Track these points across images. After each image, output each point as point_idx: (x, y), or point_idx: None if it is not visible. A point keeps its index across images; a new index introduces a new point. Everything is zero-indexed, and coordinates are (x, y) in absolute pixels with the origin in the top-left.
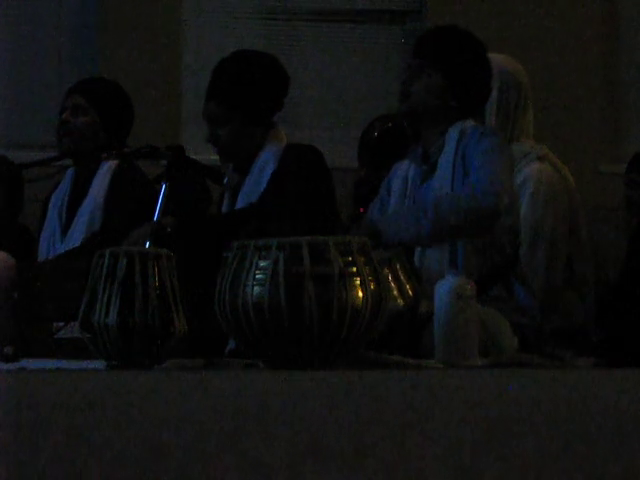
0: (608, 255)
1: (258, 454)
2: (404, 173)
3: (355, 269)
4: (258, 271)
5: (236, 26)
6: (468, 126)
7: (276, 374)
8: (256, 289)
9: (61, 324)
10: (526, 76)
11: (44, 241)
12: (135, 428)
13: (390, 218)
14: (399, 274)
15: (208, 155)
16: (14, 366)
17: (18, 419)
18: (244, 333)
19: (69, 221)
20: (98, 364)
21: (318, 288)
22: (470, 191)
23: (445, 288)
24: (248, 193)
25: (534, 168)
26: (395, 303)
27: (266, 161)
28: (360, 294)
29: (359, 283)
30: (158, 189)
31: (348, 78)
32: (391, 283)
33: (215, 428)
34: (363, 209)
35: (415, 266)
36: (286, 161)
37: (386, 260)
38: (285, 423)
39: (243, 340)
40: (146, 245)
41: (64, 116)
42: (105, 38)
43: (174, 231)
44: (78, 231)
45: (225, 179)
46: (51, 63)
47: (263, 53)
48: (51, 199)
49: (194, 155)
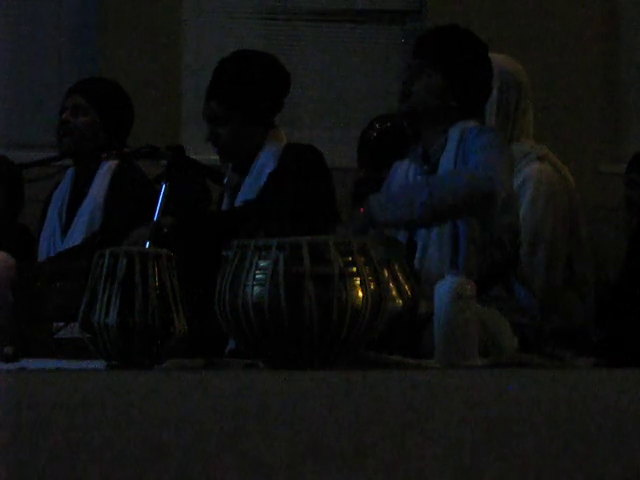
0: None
1: (258, 454)
2: (404, 173)
3: (355, 269)
4: (258, 271)
5: (236, 26)
6: (469, 126)
7: (276, 374)
8: (256, 289)
9: (61, 324)
10: (526, 76)
11: (44, 241)
12: (135, 428)
13: (383, 196)
14: (398, 275)
15: (208, 155)
16: (14, 366)
17: (18, 419)
18: (244, 333)
19: (69, 221)
20: (98, 364)
21: (318, 288)
22: (467, 172)
23: (445, 288)
24: (247, 193)
25: (534, 168)
26: (394, 303)
27: (266, 161)
28: (360, 294)
29: (359, 283)
30: (158, 189)
31: (348, 78)
32: (390, 284)
33: (215, 428)
34: (363, 209)
35: (414, 267)
36: (285, 161)
37: (385, 261)
38: (285, 423)
39: (243, 340)
40: (146, 245)
41: (64, 116)
42: (105, 38)
43: (173, 231)
44: (78, 231)
45: (225, 179)
46: (51, 63)
47: (264, 53)
48: (51, 199)
49: (194, 155)
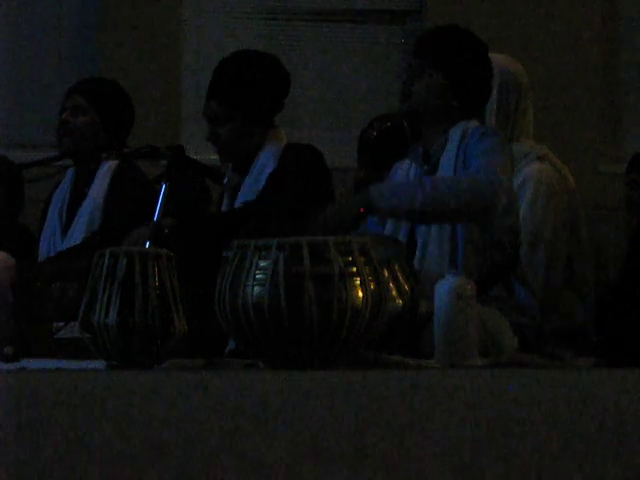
0: (608, 255)
1: (258, 454)
2: (405, 173)
3: (355, 269)
4: (258, 271)
5: (236, 26)
6: (471, 126)
7: (276, 374)
8: (256, 289)
9: (61, 324)
10: (526, 76)
11: (44, 241)
12: (135, 428)
13: (385, 185)
14: (397, 275)
15: (208, 155)
16: (14, 366)
17: (18, 419)
18: (244, 333)
19: (69, 221)
20: (98, 364)
21: (318, 288)
22: (471, 177)
23: (445, 288)
24: (247, 193)
25: (534, 168)
26: (394, 303)
27: (266, 161)
28: (360, 294)
29: (359, 283)
30: (158, 189)
31: (348, 78)
32: (390, 284)
33: (215, 428)
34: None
35: (414, 267)
36: (285, 161)
37: (385, 261)
38: (285, 423)
39: (243, 340)
40: (146, 245)
41: (64, 116)
42: (105, 38)
43: (173, 232)
44: (78, 231)
45: (225, 179)
46: (51, 63)
47: (264, 53)
48: (51, 199)
49: (194, 155)
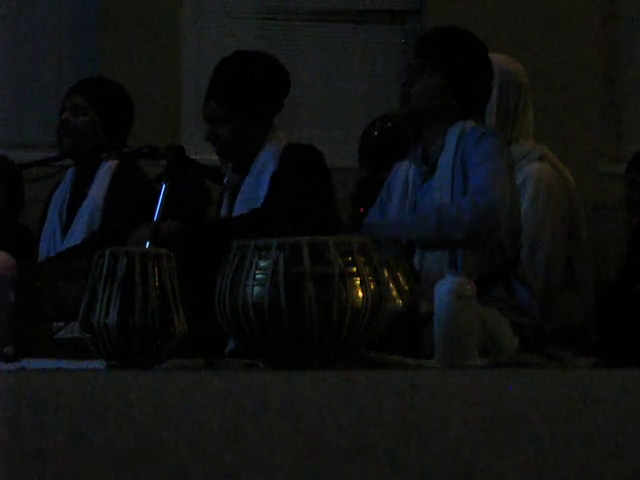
0: (608, 255)
1: (258, 454)
2: (404, 174)
3: (355, 269)
4: (258, 271)
5: (236, 26)
6: (468, 126)
7: (276, 374)
8: (256, 289)
9: (61, 324)
10: (526, 76)
11: (44, 241)
12: (135, 428)
13: (389, 224)
14: (398, 275)
15: (208, 155)
16: (14, 366)
17: (18, 419)
18: (244, 333)
19: (69, 221)
20: (98, 364)
21: (318, 288)
22: (472, 207)
23: (445, 288)
24: (247, 193)
25: (534, 168)
26: (394, 303)
27: (266, 161)
28: (360, 294)
29: (359, 283)
30: (158, 189)
31: (348, 78)
32: (390, 284)
33: (215, 428)
34: (363, 209)
35: (414, 267)
36: (286, 161)
37: (385, 261)
38: (285, 423)
39: (243, 340)
40: (146, 245)
41: (64, 116)
42: (105, 38)
43: (179, 235)
44: (78, 231)
45: (225, 179)
46: (51, 63)
47: (263, 53)
48: (51, 199)
49: (194, 155)
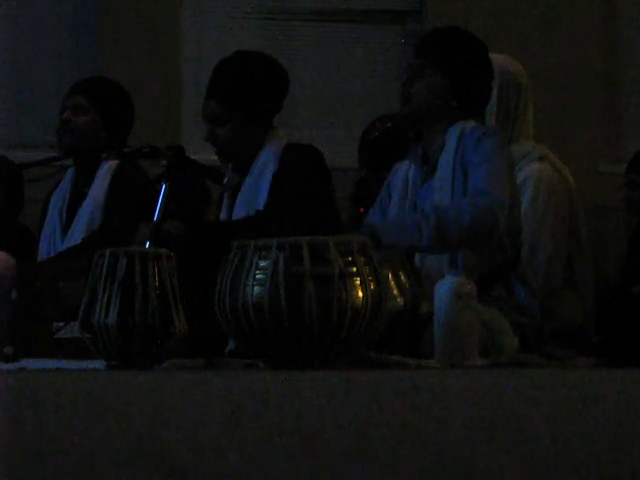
0: (608, 255)
1: (258, 454)
2: (404, 174)
3: (355, 269)
4: (258, 271)
5: (236, 26)
6: (469, 126)
7: (276, 374)
8: (256, 289)
9: (61, 324)
10: (526, 76)
11: (44, 241)
12: (135, 428)
13: (389, 226)
14: (399, 274)
15: (208, 155)
16: (14, 366)
17: (18, 419)
18: (244, 333)
19: (69, 221)
20: (98, 364)
21: (318, 288)
22: (471, 208)
23: (445, 288)
24: (248, 193)
25: (534, 168)
26: (395, 303)
27: (266, 161)
28: (360, 294)
29: (359, 283)
30: (158, 189)
31: (348, 78)
32: (391, 283)
33: (215, 428)
34: (363, 209)
35: (415, 266)
36: (286, 161)
37: (386, 260)
38: (285, 423)
39: (243, 340)
40: (146, 245)
41: (65, 115)
42: (105, 38)
43: (180, 236)
44: (78, 231)
45: (225, 179)
46: (51, 63)
47: (263, 54)
48: (51, 199)
49: (194, 155)
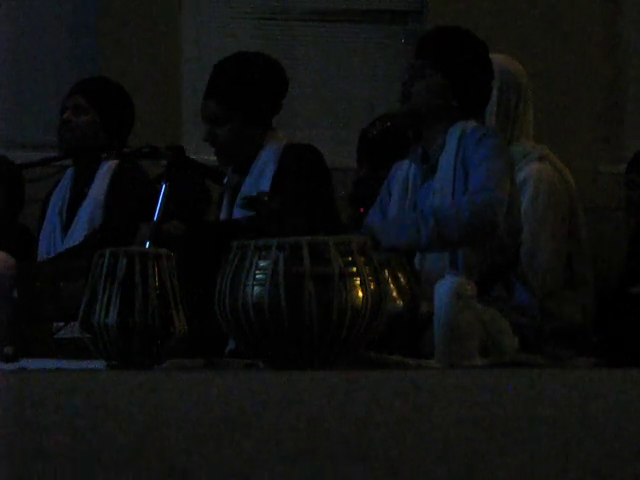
0: (608, 255)
1: (258, 454)
2: (404, 173)
3: (355, 269)
4: (258, 271)
5: (236, 26)
6: (469, 126)
7: (276, 374)
8: (256, 289)
9: (61, 324)
10: (526, 76)
11: (44, 240)
12: (135, 428)
13: (388, 226)
14: (399, 275)
15: (208, 155)
16: (14, 366)
17: (18, 419)
18: (244, 333)
19: (69, 221)
20: (98, 364)
21: (318, 288)
22: (470, 205)
23: (445, 288)
24: (248, 193)
25: (534, 168)
26: (395, 304)
27: (266, 161)
28: (360, 294)
29: (359, 283)
30: (158, 189)
31: (348, 78)
32: (391, 284)
33: (215, 428)
34: (363, 209)
35: (415, 267)
36: (286, 161)
37: (385, 261)
38: (285, 423)
39: (243, 340)
40: (146, 245)
41: (65, 115)
42: (105, 38)
43: (180, 236)
44: (79, 230)
45: (225, 179)
46: (51, 63)
47: (262, 54)
48: (51, 198)
49: (194, 155)
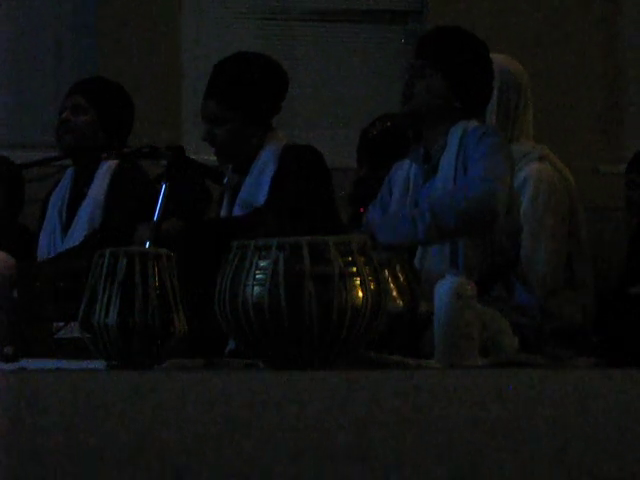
0: (608, 255)
1: (258, 454)
2: (405, 173)
3: (355, 269)
4: (258, 271)
5: (236, 26)
6: (471, 126)
7: (276, 374)
8: (256, 289)
9: (61, 324)
10: (526, 76)
11: (44, 240)
12: (135, 428)
13: (385, 221)
14: (399, 275)
15: (208, 155)
16: (14, 366)
17: (18, 419)
18: (244, 333)
19: (69, 221)
20: (98, 364)
21: (318, 288)
22: (467, 192)
23: (445, 288)
24: (248, 193)
25: (534, 168)
26: (395, 304)
27: (266, 161)
28: (360, 294)
29: (359, 283)
30: (158, 189)
31: (348, 78)
32: (391, 284)
33: (215, 428)
34: (363, 209)
35: (415, 267)
36: (286, 161)
37: (386, 261)
38: (285, 423)
39: (243, 340)
40: (146, 245)
41: (64, 115)
42: (105, 38)
43: (180, 235)
44: (78, 230)
45: (225, 179)
46: (51, 63)
47: (262, 55)
48: (50, 198)
49: (194, 155)
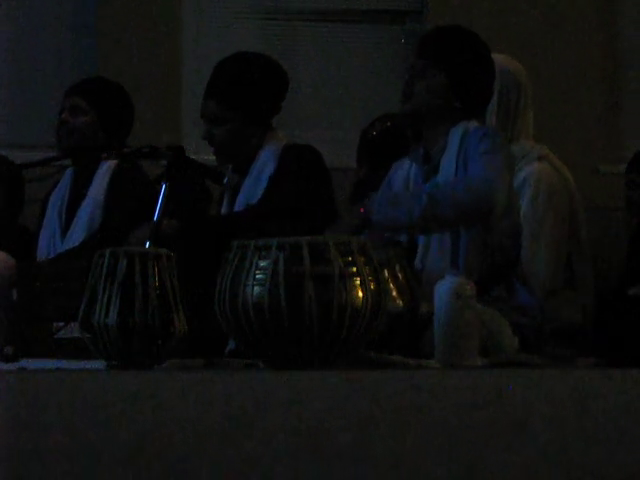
0: (608, 255)
1: (258, 454)
2: (405, 173)
3: (355, 269)
4: (258, 271)
5: (236, 26)
6: (471, 126)
7: (276, 374)
8: (256, 289)
9: (61, 324)
10: (526, 76)
11: (44, 241)
12: (135, 428)
13: (382, 202)
14: (399, 275)
15: (208, 155)
16: (14, 366)
17: (18, 419)
18: (244, 333)
19: (69, 221)
20: (98, 364)
21: (318, 288)
22: (466, 183)
23: (445, 288)
24: (247, 193)
25: (534, 168)
26: (395, 304)
27: (265, 161)
28: (360, 294)
29: (359, 283)
30: (158, 189)
31: (348, 78)
32: (391, 284)
33: (215, 428)
34: (363, 209)
35: (415, 267)
36: (285, 161)
37: (385, 261)
38: (285, 423)
39: (243, 340)
40: (146, 245)
41: (63, 116)
42: (105, 38)
43: (176, 233)
44: (78, 231)
45: (225, 179)
46: (51, 63)
47: (263, 55)
48: (50, 199)
49: (194, 155)
